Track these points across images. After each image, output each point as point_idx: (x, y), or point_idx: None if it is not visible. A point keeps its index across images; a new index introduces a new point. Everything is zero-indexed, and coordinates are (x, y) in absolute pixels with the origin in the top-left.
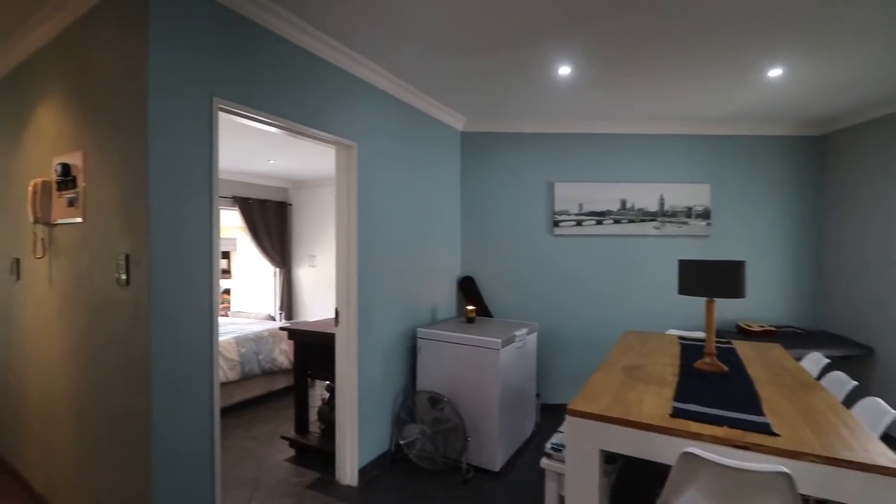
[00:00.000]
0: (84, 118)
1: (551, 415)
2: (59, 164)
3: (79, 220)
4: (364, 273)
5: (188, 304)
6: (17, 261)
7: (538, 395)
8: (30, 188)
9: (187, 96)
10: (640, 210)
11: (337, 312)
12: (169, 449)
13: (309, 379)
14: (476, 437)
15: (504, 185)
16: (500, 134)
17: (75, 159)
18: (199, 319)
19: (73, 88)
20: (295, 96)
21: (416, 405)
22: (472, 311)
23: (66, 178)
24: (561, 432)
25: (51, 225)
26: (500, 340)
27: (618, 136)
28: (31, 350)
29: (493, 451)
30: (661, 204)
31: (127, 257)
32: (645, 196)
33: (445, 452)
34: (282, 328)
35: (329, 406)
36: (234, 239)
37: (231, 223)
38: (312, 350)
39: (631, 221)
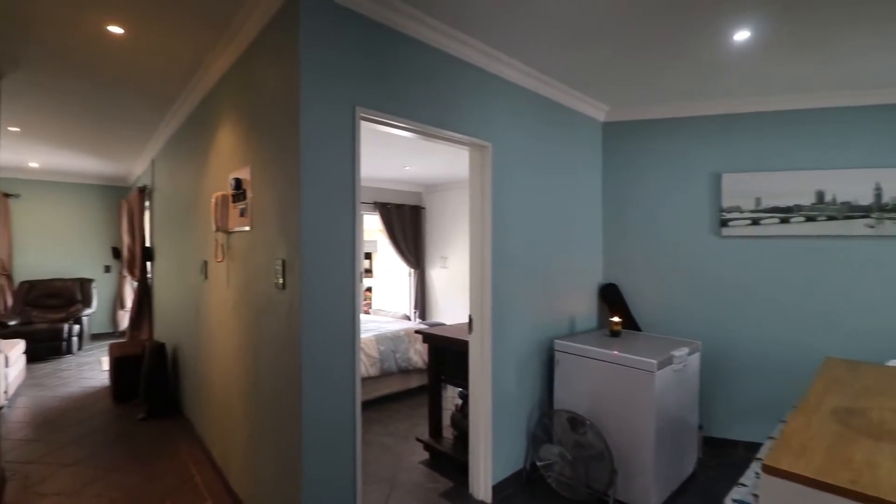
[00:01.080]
0: (251, 136)
1: (716, 451)
2: (233, 178)
3: (247, 228)
4: (498, 279)
5: (334, 304)
6: (206, 263)
7: (700, 427)
8: (212, 200)
9: (333, 110)
10: (844, 204)
11: (471, 320)
12: (316, 438)
13: (442, 383)
14: (625, 470)
15: (655, 180)
16: (649, 121)
17: (245, 174)
18: (343, 318)
19: (243, 110)
20: (429, 99)
21: (553, 424)
22: (617, 323)
23: (238, 190)
24: (743, 485)
25: (228, 232)
26: (655, 361)
27: (811, 111)
28: (214, 340)
29: (645, 489)
30: (878, 195)
31: (283, 263)
32: (852, 186)
33: (588, 482)
34: (417, 331)
35: (462, 413)
36: (375, 241)
37: (373, 226)
38: (446, 355)
39: (831, 218)
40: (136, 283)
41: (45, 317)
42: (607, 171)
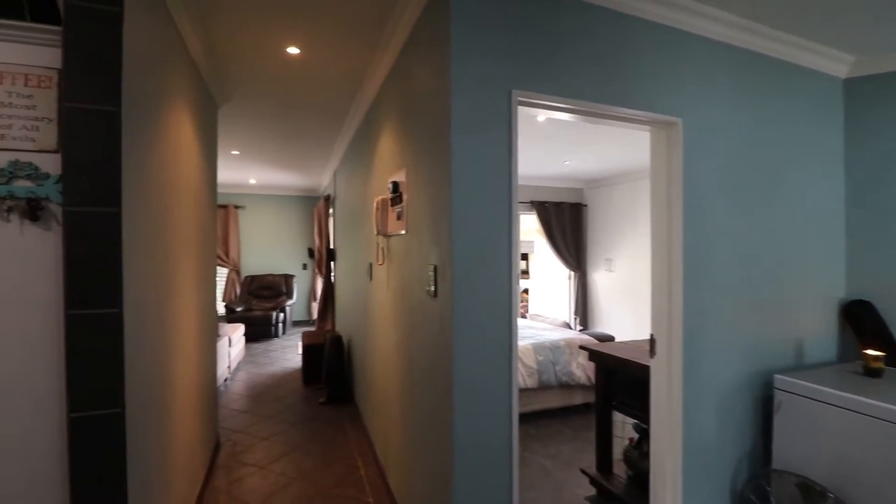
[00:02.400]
0: (406, 138)
1: None
2: (391, 182)
3: (403, 231)
4: (692, 291)
5: (488, 315)
6: (371, 265)
7: None
8: (374, 205)
9: (487, 97)
10: None
11: (653, 340)
12: (468, 457)
13: (612, 410)
14: None
15: None
16: None
17: (401, 177)
18: (499, 332)
19: (400, 113)
20: (599, 71)
21: (772, 489)
22: (875, 358)
23: (396, 194)
24: None
25: (388, 236)
26: None
27: None
28: (376, 339)
29: None
30: None
31: (435, 269)
32: None
33: None
34: (581, 347)
35: (638, 451)
36: (532, 242)
37: (529, 227)
38: (617, 378)
39: None
40: (322, 280)
41: (260, 305)
42: (854, 147)
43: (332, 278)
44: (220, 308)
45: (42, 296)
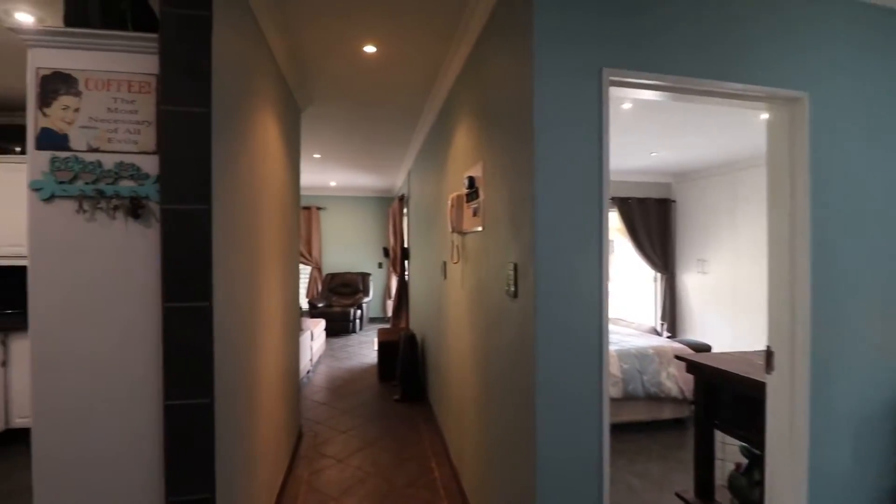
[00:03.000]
0: (482, 131)
1: None
2: (467, 177)
3: (479, 228)
4: (821, 297)
5: (576, 317)
6: (444, 263)
7: None
8: (448, 202)
9: (574, 78)
10: None
11: (769, 354)
12: (552, 471)
13: (714, 429)
14: None
15: None
16: None
17: (477, 171)
18: (588, 335)
19: (475, 105)
20: (702, 41)
21: None
22: None
23: (471, 189)
24: None
25: (462, 233)
26: None
27: None
28: (450, 340)
29: None
30: None
31: (515, 268)
32: None
33: None
34: (678, 357)
35: (747, 479)
36: (612, 240)
37: (610, 224)
38: (721, 393)
39: None
40: (397, 279)
41: (340, 302)
42: None
43: (406, 277)
44: (304, 304)
45: (143, 289)
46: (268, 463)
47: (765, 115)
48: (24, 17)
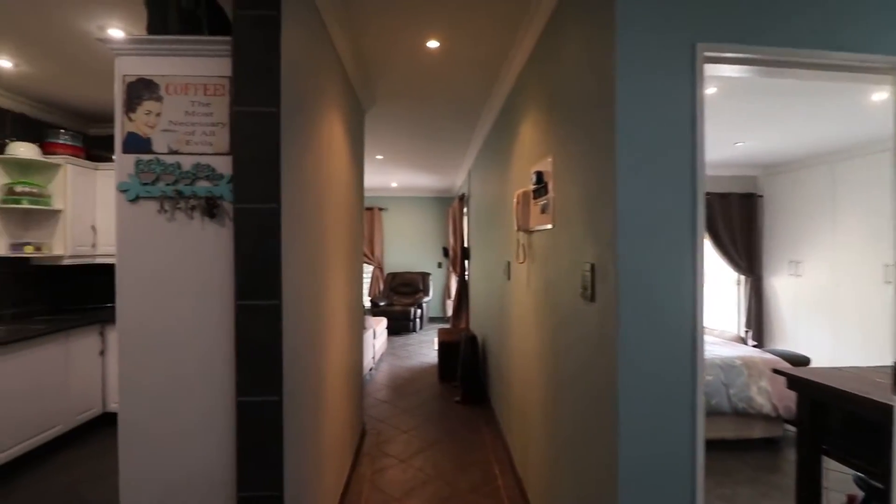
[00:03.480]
0: (552, 123)
1: None
2: (534, 172)
3: (549, 226)
4: None
5: (663, 321)
6: (508, 263)
7: None
8: (514, 199)
9: (662, 56)
10: None
11: None
12: (635, 472)
13: (822, 454)
14: None
15: None
16: None
17: (546, 166)
18: (678, 341)
19: (544, 96)
20: (809, 4)
21: None
22: None
23: (540, 185)
24: None
25: (529, 232)
26: None
27: None
28: (513, 343)
29: None
30: None
31: (592, 268)
32: None
33: None
34: (776, 371)
35: None
36: None
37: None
38: (832, 415)
39: None
40: (457, 279)
41: (400, 301)
42: None
43: (467, 277)
44: (366, 302)
45: (217, 286)
46: (333, 460)
47: (881, 94)
48: (116, 33)
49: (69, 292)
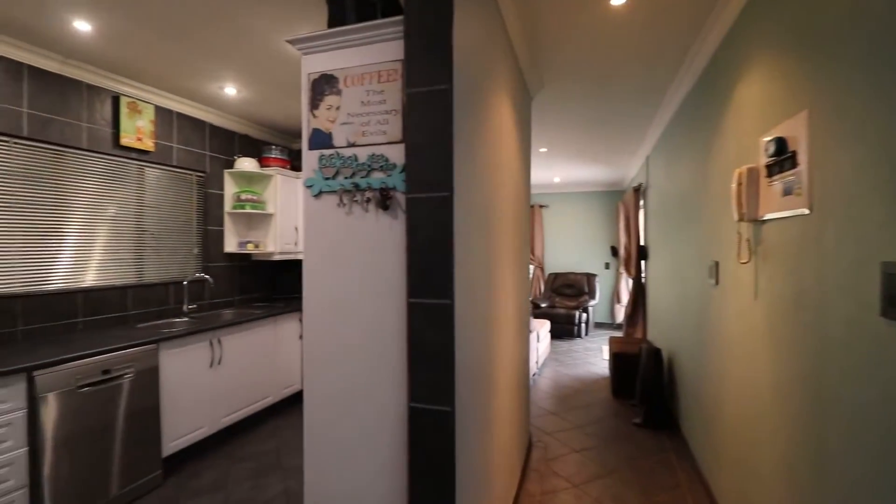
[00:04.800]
0: (804, 67)
1: None
2: (770, 140)
3: (801, 211)
4: None
5: None
6: (716, 264)
7: None
8: (733, 180)
9: None
10: None
11: None
12: None
13: None
14: None
15: None
16: None
17: (792, 128)
18: None
19: (791, 30)
20: None
21: None
22: None
23: (779, 157)
24: None
25: (759, 221)
26: None
27: None
28: (728, 362)
29: None
30: None
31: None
32: None
33: None
34: None
35: None
36: None
37: None
38: None
39: None
40: (631, 281)
41: (563, 303)
42: None
43: (643, 279)
44: None
45: (390, 283)
46: (502, 474)
47: None
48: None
49: (278, 283)
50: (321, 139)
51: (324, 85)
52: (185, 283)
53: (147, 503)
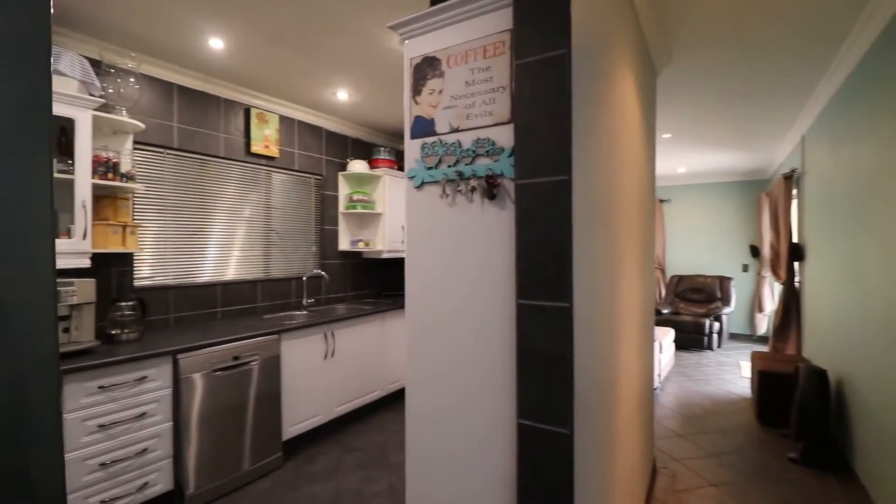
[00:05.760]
0: None
1: None
2: None
3: None
4: None
5: None
6: None
7: None
8: None
9: None
10: None
11: None
12: None
13: None
14: None
15: None
16: None
17: None
18: None
19: None
20: None
21: None
22: None
23: None
24: None
25: None
26: None
27: None
28: None
29: None
30: None
31: None
32: None
33: None
34: None
35: None
36: None
37: None
38: None
39: None
40: (780, 286)
41: (689, 310)
42: None
43: (797, 284)
44: None
45: (497, 281)
46: (624, 501)
47: None
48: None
49: (386, 280)
50: (423, 126)
51: (426, 69)
52: (304, 278)
53: (270, 482)
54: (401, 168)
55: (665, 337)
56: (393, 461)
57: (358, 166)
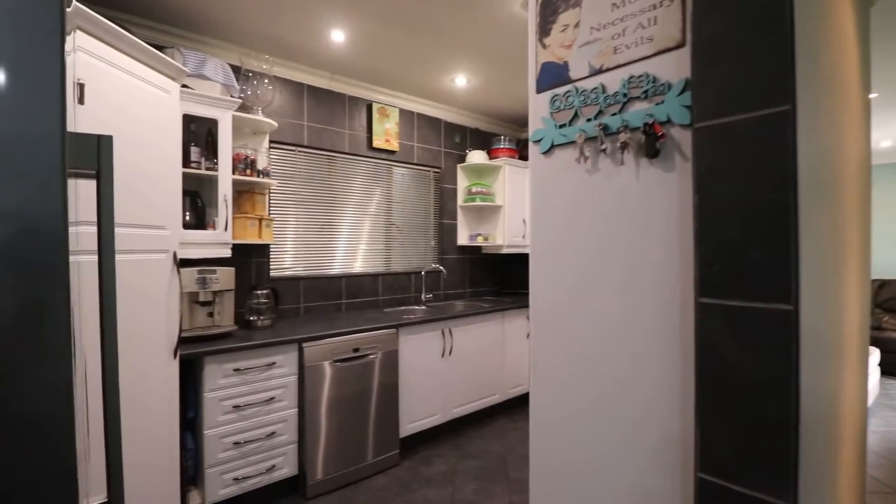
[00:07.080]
0: None
1: None
2: None
3: None
4: None
5: None
6: None
7: None
8: None
9: None
10: None
11: None
12: None
13: None
14: None
15: None
16: None
17: None
18: None
19: None
20: None
21: None
22: None
23: None
24: None
25: None
26: None
27: None
28: None
29: None
30: None
31: None
32: None
33: None
34: None
35: None
36: None
37: None
38: None
39: None
40: None
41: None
42: None
43: None
44: None
45: (658, 271)
46: None
47: None
48: None
49: (506, 277)
50: (553, 74)
51: (557, 2)
52: (422, 273)
53: (386, 479)
54: (522, 157)
55: (868, 358)
56: (513, 477)
57: (477, 157)
